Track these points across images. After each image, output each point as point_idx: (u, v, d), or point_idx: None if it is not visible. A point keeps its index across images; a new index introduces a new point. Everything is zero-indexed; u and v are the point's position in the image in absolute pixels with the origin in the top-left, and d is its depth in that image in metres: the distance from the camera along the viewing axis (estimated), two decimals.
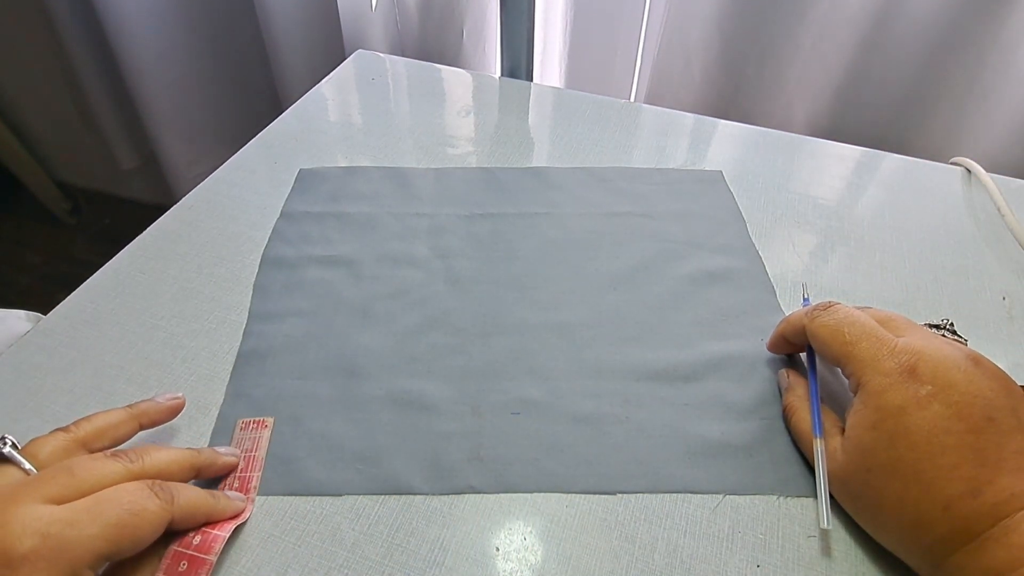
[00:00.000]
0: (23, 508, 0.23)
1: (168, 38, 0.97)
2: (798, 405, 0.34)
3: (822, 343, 0.33)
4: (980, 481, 0.26)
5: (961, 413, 0.27)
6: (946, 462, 0.26)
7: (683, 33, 0.74)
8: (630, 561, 0.31)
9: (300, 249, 0.46)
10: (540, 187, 0.52)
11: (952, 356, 0.29)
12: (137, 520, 0.25)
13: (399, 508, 0.32)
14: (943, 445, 0.26)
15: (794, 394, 0.35)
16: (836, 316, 0.32)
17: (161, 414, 0.33)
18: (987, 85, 0.66)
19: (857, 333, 0.31)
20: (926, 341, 0.30)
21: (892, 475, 0.27)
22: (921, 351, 0.29)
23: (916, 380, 0.28)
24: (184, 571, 0.28)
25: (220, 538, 0.29)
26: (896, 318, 0.33)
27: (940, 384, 0.28)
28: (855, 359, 0.30)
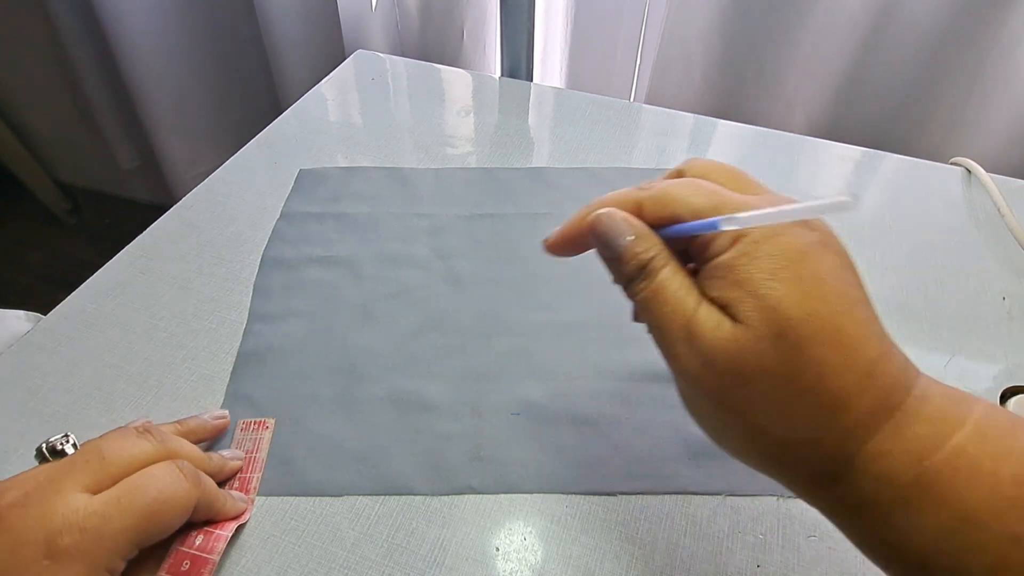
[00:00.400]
0: (63, 499, 0.24)
1: (168, 38, 0.97)
2: (659, 258, 0.23)
3: (677, 199, 0.23)
4: (888, 341, 0.21)
5: (848, 265, 0.22)
6: (860, 316, 0.21)
7: (683, 33, 0.74)
8: (630, 561, 0.31)
9: (300, 249, 0.46)
10: (540, 187, 0.52)
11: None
12: (167, 507, 0.26)
13: (399, 508, 0.32)
14: (852, 298, 0.21)
15: (645, 243, 0.23)
16: (672, 188, 0.23)
17: (208, 432, 0.34)
18: (987, 85, 0.66)
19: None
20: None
21: (810, 338, 0.20)
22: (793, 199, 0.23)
23: (804, 224, 0.22)
24: (187, 571, 0.28)
25: (223, 537, 0.29)
26: (740, 174, 0.26)
27: (823, 230, 0.23)
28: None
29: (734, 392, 0.21)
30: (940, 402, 0.20)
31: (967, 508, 0.19)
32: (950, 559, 0.19)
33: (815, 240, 0.22)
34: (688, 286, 0.22)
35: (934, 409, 0.20)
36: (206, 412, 0.34)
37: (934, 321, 0.42)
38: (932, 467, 0.19)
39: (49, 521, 0.23)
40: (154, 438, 0.28)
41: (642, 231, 0.23)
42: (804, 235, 0.22)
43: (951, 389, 0.21)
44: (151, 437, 0.28)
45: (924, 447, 0.19)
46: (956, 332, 0.42)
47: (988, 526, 0.19)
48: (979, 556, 0.19)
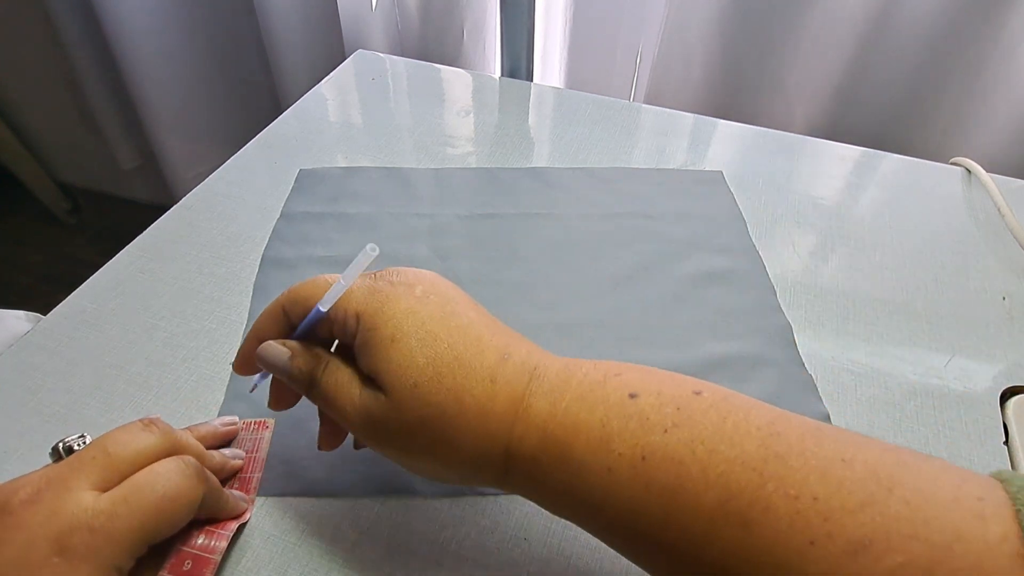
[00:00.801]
0: (72, 497, 0.24)
1: (168, 38, 0.97)
2: (322, 358, 0.27)
3: (300, 295, 0.28)
4: (503, 346, 0.25)
5: (455, 298, 0.27)
6: (473, 336, 0.25)
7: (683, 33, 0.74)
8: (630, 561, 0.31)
9: (300, 250, 0.46)
10: (540, 187, 0.52)
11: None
12: (173, 505, 0.26)
13: (399, 508, 0.32)
14: (461, 326, 0.25)
15: (307, 355, 0.27)
16: (307, 280, 0.28)
17: (218, 439, 0.33)
18: (987, 85, 0.66)
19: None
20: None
21: (439, 375, 0.24)
22: (386, 268, 0.28)
23: (406, 286, 0.26)
24: (189, 570, 0.28)
25: (225, 537, 0.29)
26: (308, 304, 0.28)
27: (423, 280, 0.27)
28: (343, 300, 0.26)
29: (412, 442, 0.25)
30: (552, 378, 0.25)
31: (575, 454, 0.23)
32: (580, 499, 0.23)
33: (417, 295, 0.26)
34: (350, 375, 0.26)
35: (548, 384, 0.24)
36: (216, 419, 0.34)
37: (934, 321, 0.42)
38: (550, 431, 0.23)
39: (59, 519, 0.23)
40: (159, 430, 0.28)
41: (296, 349, 0.27)
42: (407, 296, 0.26)
43: (568, 363, 0.25)
44: (155, 429, 0.28)
45: (543, 417, 0.24)
46: (956, 332, 0.42)
47: (590, 464, 0.22)
48: (591, 491, 0.23)
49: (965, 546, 0.18)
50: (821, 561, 0.19)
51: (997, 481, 0.19)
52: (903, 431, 0.36)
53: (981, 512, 0.18)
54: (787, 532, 0.19)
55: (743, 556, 0.20)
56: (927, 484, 0.19)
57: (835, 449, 0.20)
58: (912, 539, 0.18)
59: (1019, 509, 0.18)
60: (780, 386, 0.38)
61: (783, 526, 0.19)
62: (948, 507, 0.18)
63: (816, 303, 0.43)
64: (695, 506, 0.21)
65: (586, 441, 0.23)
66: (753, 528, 0.20)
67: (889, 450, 0.21)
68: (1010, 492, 0.19)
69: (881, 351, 0.40)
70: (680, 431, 0.22)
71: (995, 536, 0.18)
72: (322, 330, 0.27)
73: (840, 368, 0.39)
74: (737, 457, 0.21)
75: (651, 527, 0.22)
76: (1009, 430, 0.36)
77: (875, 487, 0.19)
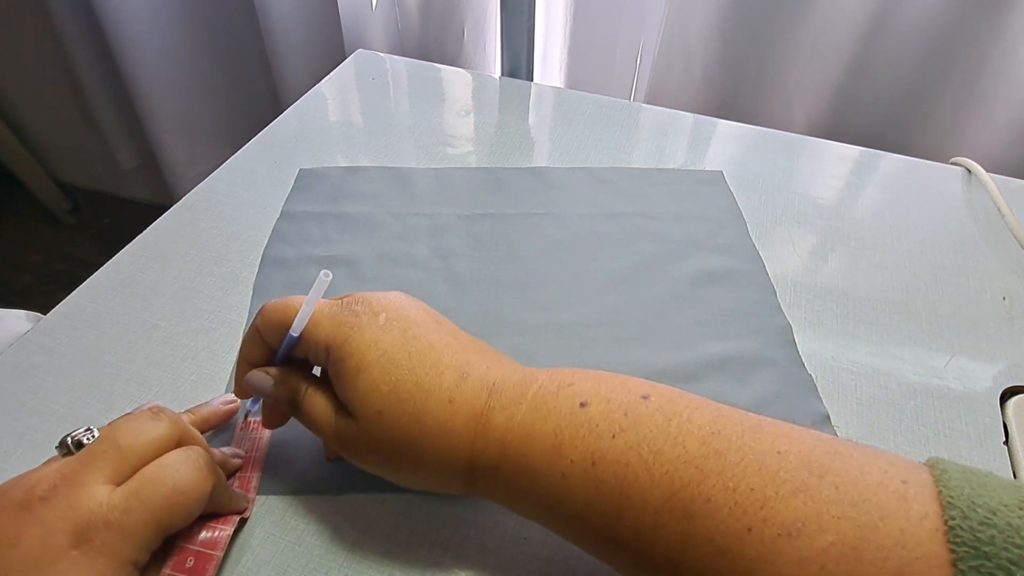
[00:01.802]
0: (87, 491, 0.24)
1: (168, 38, 0.97)
2: (301, 385, 0.29)
3: (271, 316, 0.29)
4: (463, 366, 0.27)
5: (418, 321, 0.28)
6: (432, 360, 0.27)
7: (683, 33, 0.74)
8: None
9: (300, 249, 0.46)
10: (540, 187, 0.52)
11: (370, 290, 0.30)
12: (184, 497, 0.26)
13: (399, 508, 0.32)
14: (421, 350, 0.27)
15: (288, 383, 0.29)
16: (278, 301, 0.29)
17: (221, 419, 0.34)
18: (987, 85, 0.66)
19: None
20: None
21: (400, 401, 0.26)
22: (353, 294, 0.29)
23: (370, 314, 0.28)
24: (192, 567, 0.28)
25: (226, 532, 0.29)
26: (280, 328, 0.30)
27: (386, 306, 0.28)
28: (308, 329, 0.28)
29: (383, 460, 0.28)
30: (509, 391, 0.26)
31: (531, 463, 0.25)
32: (540, 504, 0.25)
33: (381, 323, 0.27)
34: (324, 402, 0.28)
35: (505, 399, 0.26)
36: (215, 398, 0.35)
37: (934, 321, 0.42)
38: (508, 442, 0.25)
39: (76, 514, 0.24)
40: (167, 418, 0.28)
41: (277, 376, 0.30)
42: (370, 326, 0.27)
43: (526, 375, 0.27)
44: (164, 417, 0.28)
45: (502, 431, 0.25)
46: (956, 332, 0.42)
47: (545, 472, 0.24)
48: (549, 495, 0.24)
49: (889, 524, 0.19)
50: (758, 544, 0.20)
51: (924, 466, 0.21)
52: (903, 431, 0.36)
53: (904, 493, 0.20)
54: (726, 521, 0.21)
55: (688, 544, 0.22)
56: (855, 470, 0.21)
57: (772, 443, 0.22)
58: (840, 519, 0.20)
59: (940, 490, 0.20)
60: (780, 386, 0.38)
61: (723, 516, 0.21)
62: (874, 490, 0.20)
63: (816, 303, 0.43)
64: (642, 504, 0.22)
65: (541, 450, 0.25)
66: (696, 520, 0.21)
67: (823, 441, 0.23)
68: (935, 475, 0.20)
69: (881, 351, 0.40)
70: (627, 435, 0.24)
71: (916, 514, 0.19)
72: (299, 351, 0.29)
73: (840, 368, 0.39)
74: (680, 456, 0.23)
75: (605, 525, 0.24)
76: (1009, 430, 0.36)
77: (807, 475, 0.21)
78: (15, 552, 0.23)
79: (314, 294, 0.28)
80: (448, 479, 0.27)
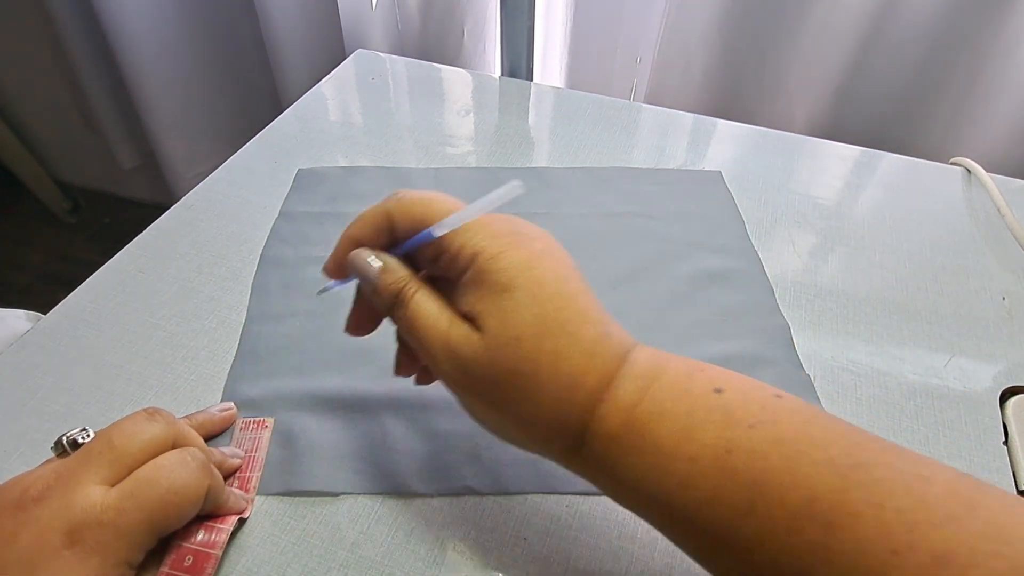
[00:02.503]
0: (81, 491, 0.24)
1: (168, 38, 0.97)
2: (411, 286, 0.26)
3: (417, 203, 0.27)
4: (605, 323, 0.25)
5: (568, 263, 0.26)
6: (581, 306, 0.25)
7: (683, 33, 0.74)
8: (630, 561, 0.31)
9: (299, 249, 0.46)
10: (540, 187, 0.52)
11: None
12: (179, 497, 0.26)
13: (399, 508, 0.32)
14: (572, 292, 0.25)
15: (397, 274, 0.26)
16: (421, 193, 0.27)
17: (216, 426, 0.34)
18: (987, 85, 0.66)
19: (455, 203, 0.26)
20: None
21: (542, 335, 0.24)
22: (511, 216, 0.27)
23: (528, 238, 0.26)
24: (190, 566, 0.28)
25: (224, 532, 0.29)
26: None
27: (541, 236, 0.26)
28: (458, 232, 0.26)
29: (492, 392, 0.24)
30: (644, 364, 0.24)
31: (658, 442, 0.23)
32: (657, 486, 0.23)
33: (539, 250, 0.25)
34: (440, 307, 0.25)
35: (639, 369, 0.24)
36: (213, 406, 0.35)
37: (934, 321, 0.42)
38: (635, 415, 0.23)
39: (69, 514, 0.24)
40: (163, 420, 0.28)
41: (391, 265, 0.27)
42: (529, 246, 0.25)
43: (656, 353, 0.25)
44: (159, 419, 0.28)
45: (630, 401, 0.23)
46: (956, 332, 0.42)
47: (671, 451, 0.22)
48: (669, 478, 0.22)
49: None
50: (904, 570, 0.19)
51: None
52: (902, 431, 0.36)
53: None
54: (871, 540, 0.19)
55: (822, 557, 0.20)
56: (1006, 507, 0.20)
57: (914, 466, 0.21)
58: (994, 556, 0.18)
59: None
60: (778, 386, 0.38)
61: (868, 533, 0.19)
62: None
63: (816, 303, 0.43)
64: (779, 502, 0.21)
65: (670, 429, 0.23)
66: (836, 532, 0.20)
67: (961, 473, 0.21)
68: None
69: (881, 351, 0.40)
70: (765, 428, 0.22)
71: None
72: (428, 252, 0.26)
73: (840, 368, 0.39)
74: (823, 460, 0.21)
75: (730, 519, 0.21)
76: (1009, 430, 0.36)
77: (955, 505, 0.19)
78: (10, 551, 0.23)
79: (488, 202, 0.25)
80: (554, 436, 0.25)
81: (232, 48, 1.02)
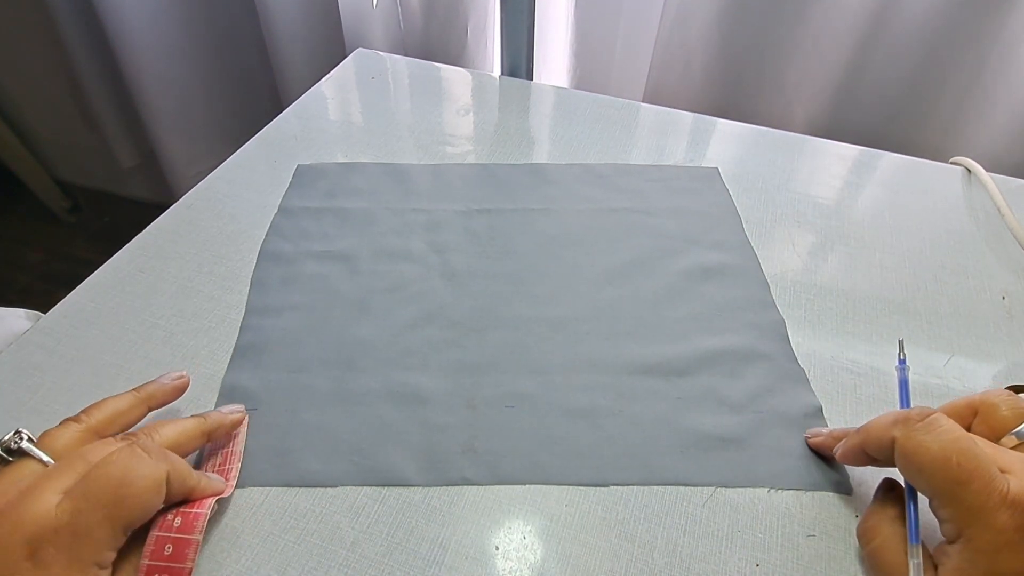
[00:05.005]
0: (38, 501, 0.24)
1: (168, 37, 0.97)
2: (886, 531, 0.27)
3: (919, 470, 0.26)
4: None
5: None
6: None
7: (683, 32, 0.74)
8: (630, 560, 0.31)
9: (298, 244, 0.46)
10: (537, 183, 0.52)
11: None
12: (135, 488, 0.25)
13: (399, 506, 0.32)
14: None
15: (883, 515, 0.28)
16: (941, 439, 0.25)
17: (168, 394, 0.33)
18: (987, 85, 0.66)
19: (969, 468, 0.24)
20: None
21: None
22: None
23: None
24: (171, 554, 0.27)
25: (202, 515, 0.28)
26: (997, 426, 0.27)
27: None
28: (961, 503, 0.24)
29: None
30: None
31: None
32: None
33: None
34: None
35: None
36: (164, 375, 0.34)
37: (934, 320, 0.42)
38: None
39: (25, 525, 0.24)
40: (138, 440, 0.28)
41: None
42: None
43: None
44: (135, 440, 0.28)
45: None
46: (956, 331, 0.42)
47: None
48: None
49: None
50: None
51: None
52: None
53: None
54: None
55: None
56: None
57: None
58: None
59: None
60: (773, 380, 0.38)
61: None
62: None
63: (815, 302, 0.43)
64: None
65: None
66: None
67: None
68: None
69: (880, 351, 0.40)
70: None
71: None
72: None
73: (839, 367, 0.39)
74: None
75: None
76: None
77: None
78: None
79: None
80: None
81: (232, 48, 1.02)
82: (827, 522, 0.32)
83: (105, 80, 1.08)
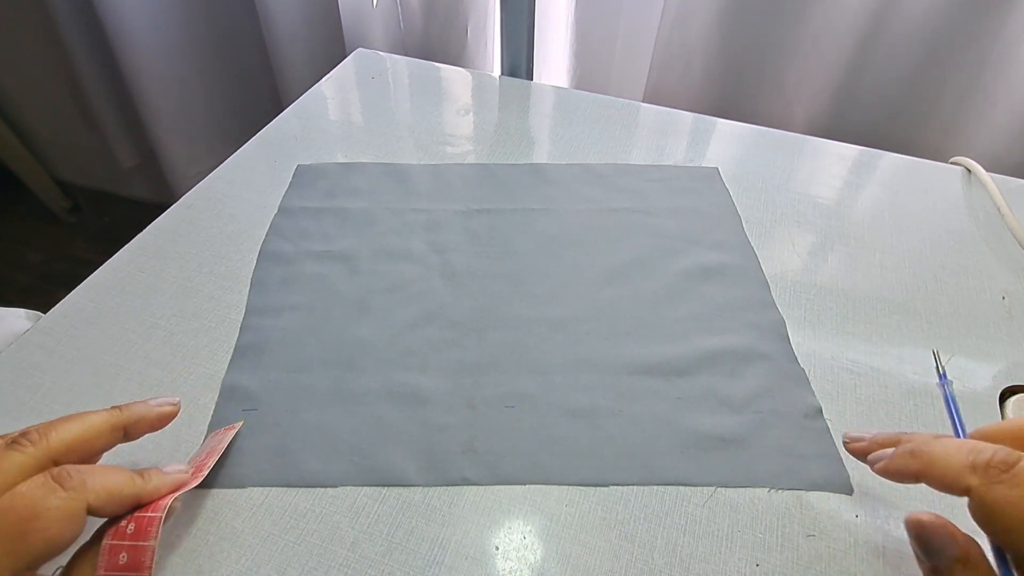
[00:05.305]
0: None
1: (168, 37, 0.97)
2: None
3: (1006, 530, 0.22)
4: None
5: None
6: None
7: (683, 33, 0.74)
8: (630, 560, 0.31)
9: (298, 244, 0.46)
10: (537, 183, 0.52)
11: None
12: (39, 523, 0.23)
13: (399, 506, 0.32)
14: None
15: (975, 571, 0.24)
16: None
17: (152, 423, 0.29)
18: (987, 85, 0.66)
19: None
20: None
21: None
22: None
23: None
24: (125, 563, 0.25)
25: (156, 519, 0.26)
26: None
27: None
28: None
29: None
30: None
31: None
32: None
33: None
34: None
35: None
36: (152, 398, 0.30)
37: (934, 321, 0.42)
38: None
39: None
40: (29, 443, 0.25)
41: (973, 558, 0.24)
42: None
43: None
44: (25, 444, 0.25)
45: None
46: (956, 331, 0.42)
47: None
48: None
49: None
50: None
51: None
52: (902, 430, 0.36)
53: None
54: None
55: None
56: None
57: None
58: None
59: None
60: (773, 380, 0.38)
61: None
62: None
63: (815, 302, 0.43)
64: None
65: None
66: None
67: None
68: None
69: (880, 350, 0.40)
70: None
71: None
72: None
73: (839, 367, 0.39)
74: None
75: None
76: None
77: None
78: None
79: None
80: None
81: (232, 48, 1.02)
82: (827, 522, 0.32)
83: (105, 80, 1.08)
